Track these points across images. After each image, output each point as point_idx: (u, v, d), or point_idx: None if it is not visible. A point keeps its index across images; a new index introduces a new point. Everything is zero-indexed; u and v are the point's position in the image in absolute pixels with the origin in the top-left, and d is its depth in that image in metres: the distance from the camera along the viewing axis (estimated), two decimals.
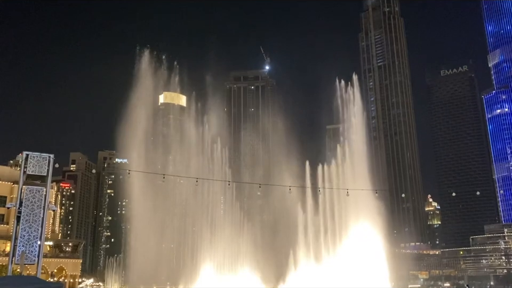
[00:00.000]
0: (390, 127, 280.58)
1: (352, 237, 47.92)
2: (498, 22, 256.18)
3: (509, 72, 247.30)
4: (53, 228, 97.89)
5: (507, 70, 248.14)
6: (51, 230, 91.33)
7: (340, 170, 51.38)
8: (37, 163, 27.45)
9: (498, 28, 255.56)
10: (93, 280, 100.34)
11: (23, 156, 27.37)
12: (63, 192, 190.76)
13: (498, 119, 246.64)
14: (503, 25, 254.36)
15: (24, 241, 25.95)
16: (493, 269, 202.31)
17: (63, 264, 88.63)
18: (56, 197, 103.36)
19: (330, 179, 51.51)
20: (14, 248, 25.88)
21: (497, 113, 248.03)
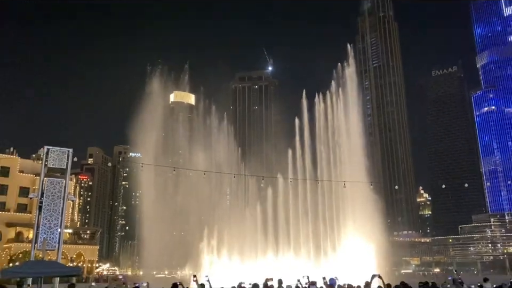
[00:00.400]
0: (385, 124, 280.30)
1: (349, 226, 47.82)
2: (486, 25, 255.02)
3: (496, 72, 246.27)
4: (72, 217, 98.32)
5: (494, 70, 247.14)
6: (70, 218, 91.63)
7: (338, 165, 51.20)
8: (57, 157, 27.55)
9: (486, 31, 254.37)
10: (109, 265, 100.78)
11: (44, 150, 27.47)
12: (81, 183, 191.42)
13: (486, 116, 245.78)
14: (491, 28, 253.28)
15: (46, 229, 26.09)
16: (480, 255, 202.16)
17: (81, 250, 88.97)
18: (75, 188, 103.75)
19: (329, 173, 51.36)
20: (36, 235, 26.04)
21: (484, 110, 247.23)
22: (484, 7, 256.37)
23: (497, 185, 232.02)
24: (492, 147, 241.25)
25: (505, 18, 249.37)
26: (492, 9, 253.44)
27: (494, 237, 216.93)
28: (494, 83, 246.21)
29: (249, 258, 46.28)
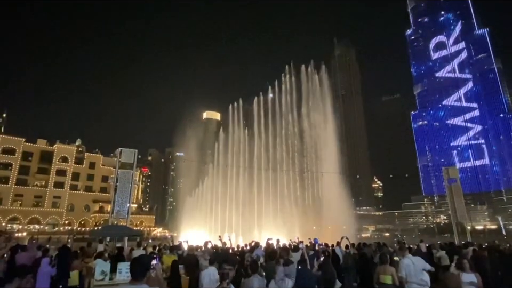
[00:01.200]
0: (350, 133, 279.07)
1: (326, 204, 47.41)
2: (419, 64, 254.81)
3: (427, 98, 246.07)
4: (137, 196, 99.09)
5: (426, 96, 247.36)
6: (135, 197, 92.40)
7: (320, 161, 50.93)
8: (127, 155, 27.79)
9: (420, 69, 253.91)
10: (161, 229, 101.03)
11: (119, 150, 27.76)
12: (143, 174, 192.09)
13: (420, 128, 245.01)
14: (423, 67, 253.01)
15: (119, 204, 26.28)
16: (417, 224, 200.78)
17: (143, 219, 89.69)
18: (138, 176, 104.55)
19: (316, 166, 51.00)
20: (113, 208, 26.22)
21: (419, 124, 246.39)
22: (418, 51, 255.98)
23: (429, 176, 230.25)
24: (424, 149, 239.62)
25: (432, 60, 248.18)
26: (424, 53, 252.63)
27: (426, 212, 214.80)
28: (425, 105, 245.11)
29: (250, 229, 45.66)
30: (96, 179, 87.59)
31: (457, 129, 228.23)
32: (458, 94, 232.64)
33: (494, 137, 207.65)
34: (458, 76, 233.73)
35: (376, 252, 14.62)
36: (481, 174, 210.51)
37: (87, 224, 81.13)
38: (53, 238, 35.00)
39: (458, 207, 28.38)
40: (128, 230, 22.07)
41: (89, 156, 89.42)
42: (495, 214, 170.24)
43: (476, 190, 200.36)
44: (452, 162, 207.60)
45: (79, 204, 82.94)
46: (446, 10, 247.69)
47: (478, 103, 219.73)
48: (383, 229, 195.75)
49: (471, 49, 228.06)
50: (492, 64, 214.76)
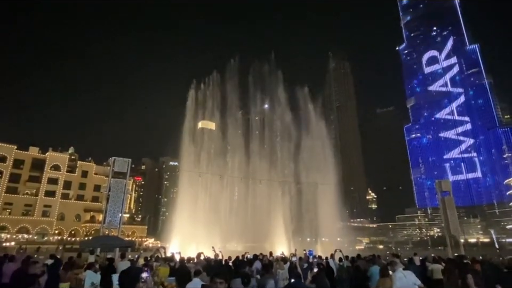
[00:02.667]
0: (344, 145, 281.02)
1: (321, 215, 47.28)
2: (412, 78, 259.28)
3: (419, 111, 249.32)
4: (129, 206, 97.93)
5: (418, 110, 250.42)
6: (128, 207, 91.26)
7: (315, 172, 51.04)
8: (120, 164, 27.58)
9: (412, 82, 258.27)
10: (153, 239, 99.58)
11: (112, 159, 27.56)
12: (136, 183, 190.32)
13: (413, 141, 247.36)
14: (415, 82, 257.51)
15: (111, 214, 25.95)
16: (411, 237, 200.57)
17: (135, 229, 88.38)
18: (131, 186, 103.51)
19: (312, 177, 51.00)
20: (104, 218, 25.87)
21: (412, 137, 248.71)
22: (411, 65, 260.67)
23: (422, 188, 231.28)
24: (418, 162, 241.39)
25: (425, 74, 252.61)
26: (417, 67, 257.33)
27: (420, 224, 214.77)
28: (418, 118, 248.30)
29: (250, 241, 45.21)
30: (88, 188, 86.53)
31: (450, 142, 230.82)
32: (450, 108, 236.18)
33: (485, 151, 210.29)
34: (451, 90, 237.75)
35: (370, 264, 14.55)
36: (474, 187, 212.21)
37: (78, 234, 79.68)
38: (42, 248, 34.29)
39: (452, 220, 28.51)
40: (119, 240, 21.73)
41: (82, 164, 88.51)
42: (488, 227, 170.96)
43: (469, 203, 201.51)
44: (445, 175, 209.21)
45: (70, 213, 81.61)
46: (438, 26, 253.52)
47: (470, 117, 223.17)
48: (377, 241, 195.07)
49: (463, 64, 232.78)
50: (483, 79, 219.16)
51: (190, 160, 52.88)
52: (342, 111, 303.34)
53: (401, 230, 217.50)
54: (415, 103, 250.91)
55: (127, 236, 78.62)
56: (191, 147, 54.39)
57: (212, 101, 59.06)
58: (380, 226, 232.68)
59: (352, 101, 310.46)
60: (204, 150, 54.76)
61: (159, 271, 12.35)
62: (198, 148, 55.18)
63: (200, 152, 54.18)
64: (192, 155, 53.78)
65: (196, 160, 53.05)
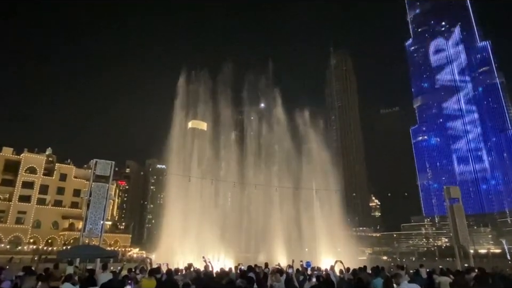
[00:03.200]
0: (346, 148, 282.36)
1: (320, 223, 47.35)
2: (419, 76, 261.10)
3: (426, 112, 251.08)
4: (112, 212, 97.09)
5: (425, 110, 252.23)
6: (110, 213, 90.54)
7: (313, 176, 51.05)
8: (102, 167, 27.41)
9: (419, 82, 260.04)
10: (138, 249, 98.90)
11: (94, 162, 27.38)
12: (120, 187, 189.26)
13: (420, 143, 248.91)
14: (422, 81, 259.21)
15: (92, 221, 25.75)
16: (417, 247, 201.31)
17: (118, 238, 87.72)
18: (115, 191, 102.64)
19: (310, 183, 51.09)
20: (85, 226, 25.68)
21: (419, 139, 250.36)
22: (418, 63, 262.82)
23: (429, 195, 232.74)
24: (425, 166, 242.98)
25: (433, 72, 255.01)
26: (424, 65, 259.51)
27: (427, 233, 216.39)
28: (425, 120, 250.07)
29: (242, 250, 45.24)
30: (67, 193, 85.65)
31: (459, 145, 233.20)
32: (460, 109, 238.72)
33: (497, 155, 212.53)
34: (460, 89, 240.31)
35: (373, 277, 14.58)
36: (484, 194, 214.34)
37: (55, 243, 78.79)
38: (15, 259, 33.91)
39: (461, 229, 28.71)
40: (100, 250, 21.55)
41: (61, 166, 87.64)
42: (499, 237, 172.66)
43: (479, 210, 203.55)
44: (454, 181, 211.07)
45: (46, 220, 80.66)
46: (446, 21, 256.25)
47: (481, 118, 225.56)
48: (381, 252, 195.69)
49: (473, 62, 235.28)
50: (495, 78, 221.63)
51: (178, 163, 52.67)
52: (344, 111, 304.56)
53: (407, 240, 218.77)
54: (422, 103, 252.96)
55: (109, 245, 77.94)
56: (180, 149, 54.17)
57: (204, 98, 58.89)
58: (383, 235, 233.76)
59: (354, 101, 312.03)
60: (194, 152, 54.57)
61: (144, 284, 12.26)
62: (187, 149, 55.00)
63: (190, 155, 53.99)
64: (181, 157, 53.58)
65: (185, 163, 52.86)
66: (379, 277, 13.20)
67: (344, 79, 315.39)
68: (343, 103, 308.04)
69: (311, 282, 12.63)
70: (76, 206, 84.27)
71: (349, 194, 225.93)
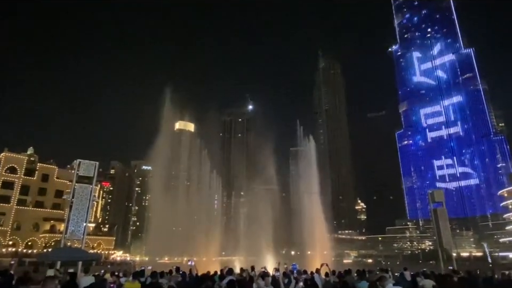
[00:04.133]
0: (333, 150, 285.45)
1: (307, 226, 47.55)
2: (405, 83, 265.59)
3: (411, 117, 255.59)
4: (95, 214, 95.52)
5: (410, 115, 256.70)
6: (94, 215, 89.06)
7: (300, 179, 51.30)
8: (86, 167, 26.97)
9: (405, 87, 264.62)
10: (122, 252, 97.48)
11: (77, 162, 26.89)
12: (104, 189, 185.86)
13: (405, 148, 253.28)
14: (408, 86, 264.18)
15: (74, 223, 25.28)
16: (401, 250, 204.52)
17: (101, 240, 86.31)
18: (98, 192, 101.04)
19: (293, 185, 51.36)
20: (67, 228, 25.18)
21: (404, 144, 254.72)
22: (404, 68, 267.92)
23: (414, 199, 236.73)
24: (410, 170, 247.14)
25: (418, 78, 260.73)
26: (410, 70, 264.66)
27: (411, 237, 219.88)
28: (410, 124, 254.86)
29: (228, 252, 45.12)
30: (49, 194, 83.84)
31: (443, 150, 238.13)
32: (444, 114, 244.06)
33: (479, 160, 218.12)
34: (444, 95, 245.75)
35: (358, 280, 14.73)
36: (467, 198, 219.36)
37: (35, 246, 76.95)
38: None
39: (444, 233, 29.27)
40: (83, 253, 21.13)
41: (42, 167, 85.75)
42: (481, 240, 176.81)
43: (462, 214, 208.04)
44: (437, 185, 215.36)
45: (27, 222, 78.72)
46: (432, 28, 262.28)
47: (464, 124, 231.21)
48: (366, 255, 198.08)
49: (457, 68, 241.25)
50: (478, 84, 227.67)
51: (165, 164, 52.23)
52: (331, 115, 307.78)
53: (392, 243, 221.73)
54: (407, 108, 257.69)
55: (92, 247, 76.59)
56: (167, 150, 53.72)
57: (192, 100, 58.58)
58: (369, 238, 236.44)
59: (342, 104, 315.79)
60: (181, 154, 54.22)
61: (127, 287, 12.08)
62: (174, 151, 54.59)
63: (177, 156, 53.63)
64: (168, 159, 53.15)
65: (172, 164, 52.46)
66: (364, 280, 13.35)
67: (332, 83, 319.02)
68: (331, 106, 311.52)
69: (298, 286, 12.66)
70: (57, 207, 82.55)
71: (335, 197, 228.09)
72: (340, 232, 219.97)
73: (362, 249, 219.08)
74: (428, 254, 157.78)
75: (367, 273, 17.18)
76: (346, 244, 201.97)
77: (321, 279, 15.52)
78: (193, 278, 15.88)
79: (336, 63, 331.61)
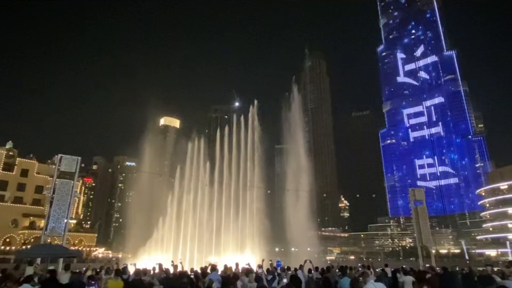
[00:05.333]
0: (318, 149, 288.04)
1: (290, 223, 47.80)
2: (389, 83, 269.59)
3: (395, 116, 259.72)
4: (77, 210, 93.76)
5: (394, 115, 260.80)
6: (75, 212, 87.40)
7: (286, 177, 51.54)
8: (68, 163, 26.45)
9: (389, 87, 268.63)
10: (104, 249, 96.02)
11: (58, 157, 26.32)
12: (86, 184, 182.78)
13: (388, 147, 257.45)
14: (392, 86, 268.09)
15: (54, 219, 24.81)
16: (383, 247, 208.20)
17: (82, 237, 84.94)
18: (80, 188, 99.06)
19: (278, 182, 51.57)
20: (47, 224, 24.67)
21: (387, 143, 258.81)
22: (388, 69, 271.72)
23: (395, 197, 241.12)
24: (392, 169, 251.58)
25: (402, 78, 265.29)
26: (394, 71, 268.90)
27: (392, 234, 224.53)
28: (393, 123, 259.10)
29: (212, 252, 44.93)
30: (28, 189, 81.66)
31: (424, 150, 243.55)
32: (426, 114, 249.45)
33: (459, 160, 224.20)
34: (427, 96, 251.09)
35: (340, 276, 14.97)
36: (446, 196, 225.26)
37: (13, 243, 74.92)
38: None
39: (424, 230, 30.07)
40: (63, 250, 20.70)
41: (22, 161, 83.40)
42: (459, 238, 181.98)
43: (441, 212, 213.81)
44: (418, 183, 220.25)
45: (5, 218, 76.47)
46: (416, 29, 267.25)
47: (445, 124, 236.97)
48: (349, 252, 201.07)
49: (440, 70, 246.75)
50: (459, 86, 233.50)
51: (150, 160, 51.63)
52: (317, 114, 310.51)
53: (373, 240, 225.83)
54: (391, 107, 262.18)
55: (73, 244, 75.18)
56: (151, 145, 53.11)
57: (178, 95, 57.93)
58: (351, 235, 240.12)
59: (327, 103, 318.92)
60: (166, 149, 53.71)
61: (110, 285, 11.94)
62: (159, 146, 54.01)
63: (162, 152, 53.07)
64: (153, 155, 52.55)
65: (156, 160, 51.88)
66: (346, 276, 13.58)
67: (318, 82, 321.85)
68: (316, 105, 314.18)
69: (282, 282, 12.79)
70: (37, 203, 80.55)
71: (320, 195, 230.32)
72: (324, 229, 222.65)
73: (345, 246, 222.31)
74: (408, 251, 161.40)
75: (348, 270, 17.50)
76: (329, 241, 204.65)
77: (304, 275, 15.71)
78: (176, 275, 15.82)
79: (322, 61, 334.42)
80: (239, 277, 13.80)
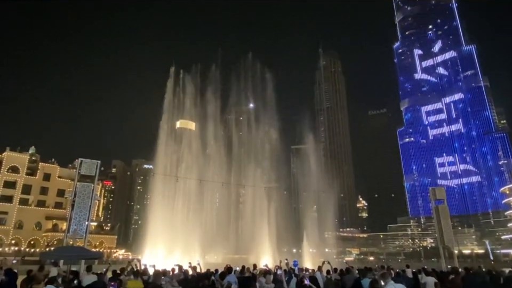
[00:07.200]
0: (334, 148, 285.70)
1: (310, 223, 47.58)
2: (406, 78, 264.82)
3: (413, 114, 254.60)
4: (97, 213, 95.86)
5: (412, 112, 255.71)
6: (95, 214, 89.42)
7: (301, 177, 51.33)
8: (88, 166, 27.03)
9: (407, 84, 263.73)
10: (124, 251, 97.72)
11: (79, 161, 26.94)
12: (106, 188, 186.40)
13: (407, 145, 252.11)
14: (409, 83, 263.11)
15: (76, 222, 25.38)
16: (403, 248, 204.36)
17: (103, 239, 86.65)
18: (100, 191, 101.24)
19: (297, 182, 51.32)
20: (69, 227, 25.27)
21: (406, 141, 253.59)
22: (405, 65, 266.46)
23: (415, 196, 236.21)
24: (411, 168, 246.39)
25: (420, 75, 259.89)
26: (411, 68, 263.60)
27: (413, 234, 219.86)
28: (412, 121, 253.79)
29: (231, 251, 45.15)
30: (50, 193, 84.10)
31: (444, 147, 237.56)
32: (445, 111, 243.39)
33: (481, 157, 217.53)
34: (446, 92, 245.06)
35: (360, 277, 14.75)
36: (469, 195, 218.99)
37: (38, 245, 77.26)
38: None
39: (446, 230, 29.26)
40: (85, 251, 21.20)
41: (44, 166, 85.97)
42: (482, 238, 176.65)
43: (463, 212, 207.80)
44: (439, 182, 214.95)
45: (29, 220, 79.01)
46: (433, 25, 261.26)
47: (466, 121, 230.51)
48: (368, 253, 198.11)
49: (459, 65, 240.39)
50: (479, 81, 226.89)
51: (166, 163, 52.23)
52: (332, 113, 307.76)
53: (393, 241, 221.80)
54: (408, 105, 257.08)
55: (94, 246, 76.82)
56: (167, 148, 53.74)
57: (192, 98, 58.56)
58: (370, 236, 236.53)
59: (343, 102, 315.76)
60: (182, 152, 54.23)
61: (129, 285, 12.13)
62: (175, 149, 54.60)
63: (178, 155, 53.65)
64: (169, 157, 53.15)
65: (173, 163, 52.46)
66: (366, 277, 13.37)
67: (333, 81, 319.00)
68: (332, 104, 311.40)
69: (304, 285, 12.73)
70: (60, 206, 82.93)
71: (337, 195, 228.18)
72: (342, 230, 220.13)
73: (364, 246, 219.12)
74: (429, 252, 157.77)
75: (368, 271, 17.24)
76: (348, 242, 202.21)
77: (323, 276, 15.57)
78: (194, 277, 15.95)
79: (337, 60, 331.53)
80: (257, 278, 13.79)
